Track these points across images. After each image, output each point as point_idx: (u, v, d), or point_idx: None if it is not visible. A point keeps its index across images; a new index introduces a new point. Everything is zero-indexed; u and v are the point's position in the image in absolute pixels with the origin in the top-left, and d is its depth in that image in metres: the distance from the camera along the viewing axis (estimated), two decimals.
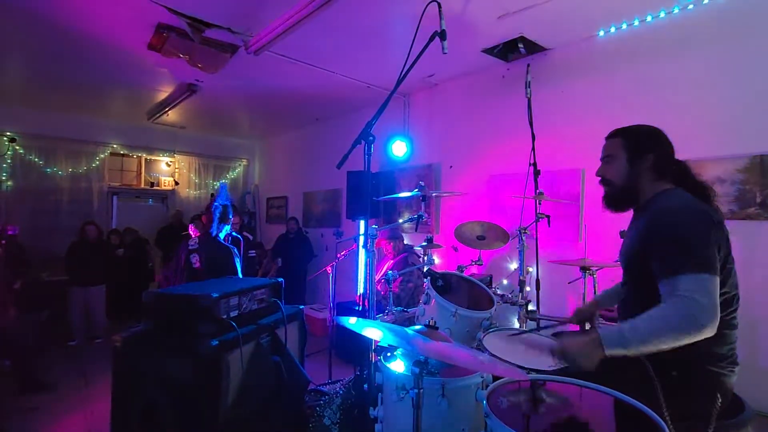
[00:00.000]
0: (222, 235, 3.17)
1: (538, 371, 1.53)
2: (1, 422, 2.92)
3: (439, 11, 1.89)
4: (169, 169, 7.73)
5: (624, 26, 3.29)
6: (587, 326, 2.57)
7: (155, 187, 7.61)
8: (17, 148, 6.16)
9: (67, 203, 6.60)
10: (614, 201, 1.61)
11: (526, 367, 1.53)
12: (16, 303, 4.21)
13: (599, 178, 1.64)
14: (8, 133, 6.02)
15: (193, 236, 3.45)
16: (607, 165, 1.59)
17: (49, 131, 6.39)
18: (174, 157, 7.71)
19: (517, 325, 2.93)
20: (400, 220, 3.94)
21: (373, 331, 1.29)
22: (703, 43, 2.94)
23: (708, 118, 2.88)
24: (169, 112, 5.98)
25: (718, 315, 1.22)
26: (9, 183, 6.12)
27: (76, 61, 4.35)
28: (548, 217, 2.89)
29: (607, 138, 1.63)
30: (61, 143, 6.55)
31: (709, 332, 1.20)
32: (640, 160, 1.51)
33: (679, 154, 1.57)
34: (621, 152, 1.55)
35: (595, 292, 2.87)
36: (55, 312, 5.23)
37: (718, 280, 1.25)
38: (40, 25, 3.52)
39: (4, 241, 3.98)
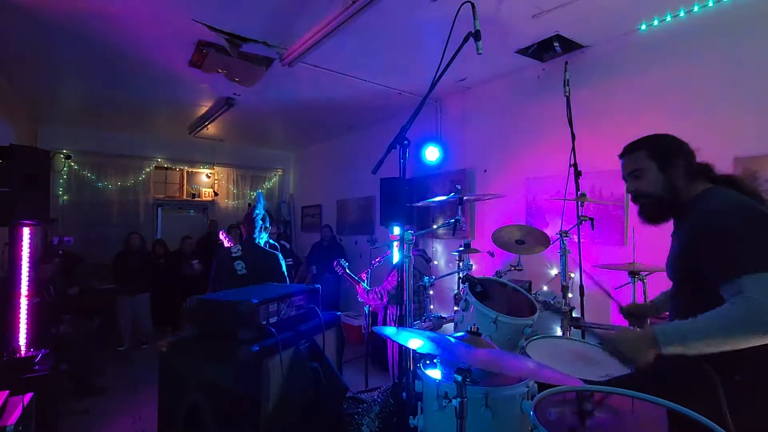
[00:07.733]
0: (262, 242, 3.21)
1: (589, 381, 1.44)
2: (56, 423, 3.09)
3: (473, 11, 1.86)
4: (209, 181, 8.04)
5: (668, 18, 3.13)
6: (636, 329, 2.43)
7: (196, 199, 7.92)
8: (72, 164, 6.60)
9: (117, 215, 6.99)
10: (654, 212, 1.54)
11: (576, 377, 1.45)
12: (72, 310, 4.46)
13: (631, 195, 1.58)
14: (64, 151, 6.46)
15: (227, 244, 3.48)
16: (638, 179, 1.53)
17: (101, 148, 6.83)
18: (213, 168, 8.02)
19: (560, 333, 2.80)
20: (435, 225, 3.88)
21: (414, 341, 1.25)
22: (757, 33, 2.74)
23: (765, 112, 2.67)
24: (209, 125, 6.23)
25: None
26: (65, 197, 6.58)
27: (125, 81, 4.62)
28: (592, 219, 2.76)
29: (625, 155, 1.57)
30: (111, 159, 6.97)
31: None
32: (671, 166, 1.47)
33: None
34: (649, 163, 1.50)
35: (645, 299, 2.71)
36: (106, 318, 5.52)
37: None
38: (92, 48, 3.76)
39: (61, 251, 4.25)
